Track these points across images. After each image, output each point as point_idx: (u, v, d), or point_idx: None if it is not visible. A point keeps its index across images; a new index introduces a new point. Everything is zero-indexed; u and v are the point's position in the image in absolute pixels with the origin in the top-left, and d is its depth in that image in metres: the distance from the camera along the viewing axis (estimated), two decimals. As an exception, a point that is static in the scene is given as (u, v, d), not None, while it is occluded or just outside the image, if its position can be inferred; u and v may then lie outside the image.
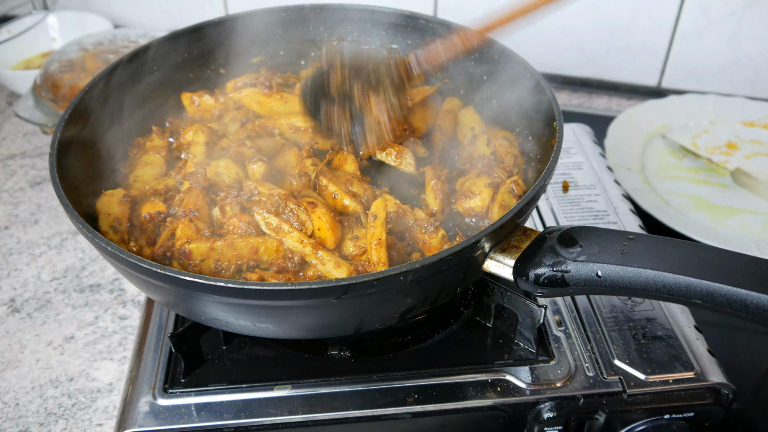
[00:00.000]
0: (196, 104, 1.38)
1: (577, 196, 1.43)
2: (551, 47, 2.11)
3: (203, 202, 1.12)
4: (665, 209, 1.61)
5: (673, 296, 0.89)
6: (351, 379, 1.08)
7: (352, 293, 0.86)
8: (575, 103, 2.12)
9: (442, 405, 1.05)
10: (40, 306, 1.46)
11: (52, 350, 1.36)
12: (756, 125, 1.90)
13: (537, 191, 0.98)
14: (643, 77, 2.11)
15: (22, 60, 2.21)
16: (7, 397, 1.28)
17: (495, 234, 0.94)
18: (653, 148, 1.83)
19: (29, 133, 2.00)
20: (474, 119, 1.32)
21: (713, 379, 1.07)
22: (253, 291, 0.85)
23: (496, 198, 1.14)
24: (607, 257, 0.93)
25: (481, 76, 1.37)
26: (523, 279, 0.97)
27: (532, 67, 1.23)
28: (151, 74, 1.37)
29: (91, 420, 1.24)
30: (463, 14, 2.09)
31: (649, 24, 1.99)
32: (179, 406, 1.05)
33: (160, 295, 0.98)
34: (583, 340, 1.13)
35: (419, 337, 1.15)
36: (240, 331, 1.00)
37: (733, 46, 1.97)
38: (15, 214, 1.71)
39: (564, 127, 1.11)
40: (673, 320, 1.16)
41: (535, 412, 1.06)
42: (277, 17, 1.48)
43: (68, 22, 2.28)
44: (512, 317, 1.12)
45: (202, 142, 1.25)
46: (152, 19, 2.39)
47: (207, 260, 1.04)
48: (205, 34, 1.43)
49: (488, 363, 1.10)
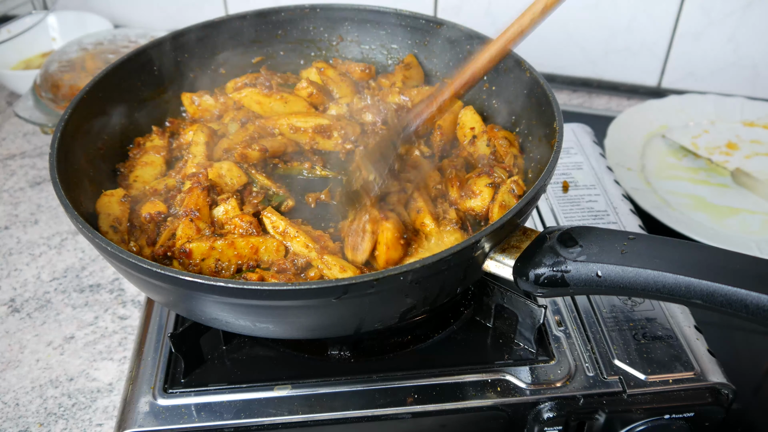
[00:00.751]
0: (197, 104, 1.38)
1: (577, 196, 1.43)
2: (551, 47, 2.11)
3: (204, 202, 1.12)
4: (665, 209, 1.61)
5: (673, 296, 0.89)
6: (351, 379, 1.08)
7: (352, 293, 0.86)
8: (575, 103, 2.12)
9: (442, 405, 1.05)
10: (40, 306, 1.46)
11: (52, 350, 1.36)
12: (756, 125, 1.90)
13: (537, 191, 0.98)
14: (643, 77, 2.11)
15: (22, 60, 2.21)
16: (7, 397, 1.28)
17: (495, 234, 0.94)
18: (653, 148, 1.83)
19: (29, 133, 2.00)
20: (474, 119, 1.32)
21: (713, 379, 1.07)
22: (253, 291, 0.85)
23: (496, 198, 1.14)
24: (607, 257, 0.93)
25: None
26: (523, 279, 0.97)
27: (532, 67, 1.23)
28: (151, 74, 1.37)
29: (91, 420, 1.24)
30: (463, 14, 2.10)
31: (649, 24, 1.99)
32: (179, 406, 1.05)
33: (160, 295, 0.98)
34: (583, 340, 1.13)
35: (419, 337, 1.15)
36: (240, 331, 1.00)
37: (733, 46, 1.97)
38: (15, 214, 1.71)
39: (564, 127, 1.11)
40: (673, 320, 1.16)
41: (535, 412, 1.06)
42: (277, 17, 1.48)
43: (68, 22, 2.28)
44: (512, 317, 1.12)
45: (202, 141, 1.25)
46: (152, 19, 2.39)
47: (207, 259, 1.04)
48: (205, 34, 1.43)
49: (488, 363, 1.10)
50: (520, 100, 1.27)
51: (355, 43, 1.52)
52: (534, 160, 1.23)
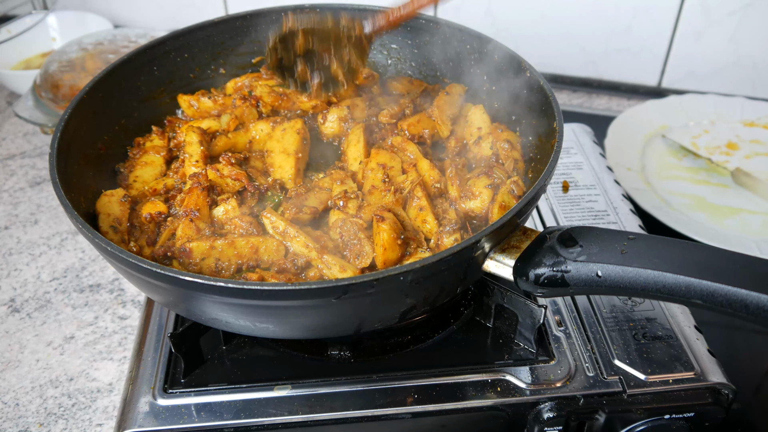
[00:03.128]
0: (195, 107, 1.38)
1: (577, 196, 1.43)
2: (551, 47, 2.11)
3: (204, 202, 1.12)
4: (665, 209, 1.61)
5: (673, 296, 0.89)
6: (351, 379, 1.08)
7: (352, 293, 0.86)
8: (575, 103, 2.12)
9: (442, 405, 1.05)
10: (40, 306, 1.46)
11: (52, 350, 1.36)
12: (756, 125, 1.90)
13: (537, 191, 0.98)
14: (643, 77, 2.11)
15: (22, 60, 2.21)
16: (7, 397, 1.28)
17: (495, 234, 0.94)
18: (653, 148, 1.83)
19: (29, 133, 2.01)
20: (482, 119, 1.31)
21: (713, 379, 1.07)
22: (253, 291, 0.85)
23: (496, 199, 1.14)
24: (607, 257, 0.93)
25: (481, 77, 1.37)
26: (523, 279, 0.97)
27: (533, 67, 1.23)
28: (151, 74, 1.37)
29: (91, 420, 1.24)
30: (463, 14, 2.10)
31: (649, 24, 1.99)
32: (179, 406, 1.05)
33: (160, 295, 0.98)
34: (583, 340, 1.13)
35: (419, 337, 1.15)
36: (240, 331, 1.00)
37: (733, 46, 1.97)
38: (15, 214, 1.71)
39: (564, 127, 1.11)
40: (673, 320, 1.16)
41: (535, 412, 1.06)
42: (277, 17, 1.48)
43: (68, 22, 2.28)
44: (512, 317, 1.12)
45: (195, 141, 1.24)
46: (152, 19, 2.39)
47: (207, 259, 1.04)
48: (205, 34, 1.43)
49: (488, 363, 1.10)
50: (521, 100, 1.27)
51: (355, 43, 1.52)
52: (534, 160, 1.23)
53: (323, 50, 1.15)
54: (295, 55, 1.15)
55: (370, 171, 1.20)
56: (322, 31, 1.13)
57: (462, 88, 1.39)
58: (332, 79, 1.20)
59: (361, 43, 1.15)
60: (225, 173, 1.17)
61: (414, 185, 1.16)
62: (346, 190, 1.16)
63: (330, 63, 1.16)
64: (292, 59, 1.16)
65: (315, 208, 1.13)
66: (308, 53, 1.15)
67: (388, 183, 1.17)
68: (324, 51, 1.15)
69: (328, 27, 1.13)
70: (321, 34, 1.13)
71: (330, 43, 1.14)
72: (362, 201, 1.14)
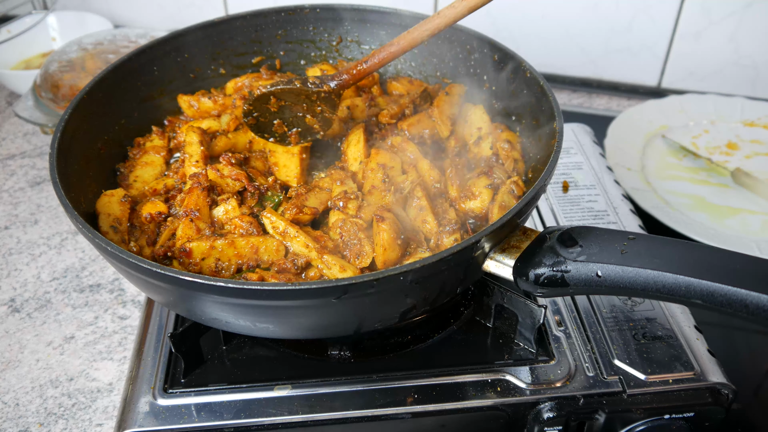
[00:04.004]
0: (195, 108, 1.38)
1: (577, 196, 1.43)
2: (551, 47, 2.11)
3: (204, 202, 1.12)
4: (665, 209, 1.61)
5: (673, 296, 0.89)
6: (351, 379, 1.08)
7: (352, 293, 0.86)
8: (575, 103, 2.12)
9: (442, 405, 1.05)
10: (40, 306, 1.46)
11: (52, 350, 1.36)
12: (756, 125, 1.90)
13: (537, 191, 0.98)
14: (643, 77, 2.11)
15: (22, 60, 2.21)
16: (7, 397, 1.28)
17: (495, 234, 0.94)
18: (653, 148, 1.83)
19: (29, 133, 2.01)
20: (482, 119, 1.31)
21: (713, 379, 1.07)
22: (253, 291, 0.85)
23: (496, 199, 1.14)
24: (607, 257, 0.93)
25: (480, 77, 1.37)
26: (523, 279, 0.97)
27: (533, 67, 1.23)
28: (151, 74, 1.37)
29: (91, 420, 1.24)
30: (463, 14, 2.09)
31: (649, 24, 1.99)
32: (179, 406, 1.05)
33: (160, 295, 0.98)
34: (583, 340, 1.13)
35: (419, 337, 1.15)
36: (240, 331, 1.00)
37: (733, 46, 1.97)
38: (15, 214, 1.71)
39: (564, 127, 1.11)
40: (673, 320, 1.16)
41: (535, 412, 1.06)
42: (277, 17, 1.48)
43: (68, 22, 2.28)
44: (512, 317, 1.12)
45: (195, 141, 1.24)
46: (152, 19, 2.39)
47: (207, 259, 1.04)
48: (205, 34, 1.43)
49: (488, 363, 1.10)
50: (520, 100, 1.27)
51: (355, 43, 1.52)
52: (534, 161, 1.23)
53: (296, 107, 1.21)
54: (270, 114, 1.22)
55: (370, 171, 1.20)
56: (292, 92, 1.20)
57: (462, 88, 1.39)
58: (309, 129, 1.25)
59: (330, 97, 1.21)
60: (225, 173, 1.18)
61: (414, 185, 1.16)
62: (346, 191, 1.16)
63: (304, 116, 1.22)
64: (267, 117, 1.23)
65: (315, 209, 1.14)
66: (282, 108, 1.22)
67: (388, 183, 1.17)
68: (296, 107, 1.21)
69: (297, 89, 1.20)
70: (291, 95, 1.20)
71: (301, 101, 1.21)
72: (362, 201, 1.14)
